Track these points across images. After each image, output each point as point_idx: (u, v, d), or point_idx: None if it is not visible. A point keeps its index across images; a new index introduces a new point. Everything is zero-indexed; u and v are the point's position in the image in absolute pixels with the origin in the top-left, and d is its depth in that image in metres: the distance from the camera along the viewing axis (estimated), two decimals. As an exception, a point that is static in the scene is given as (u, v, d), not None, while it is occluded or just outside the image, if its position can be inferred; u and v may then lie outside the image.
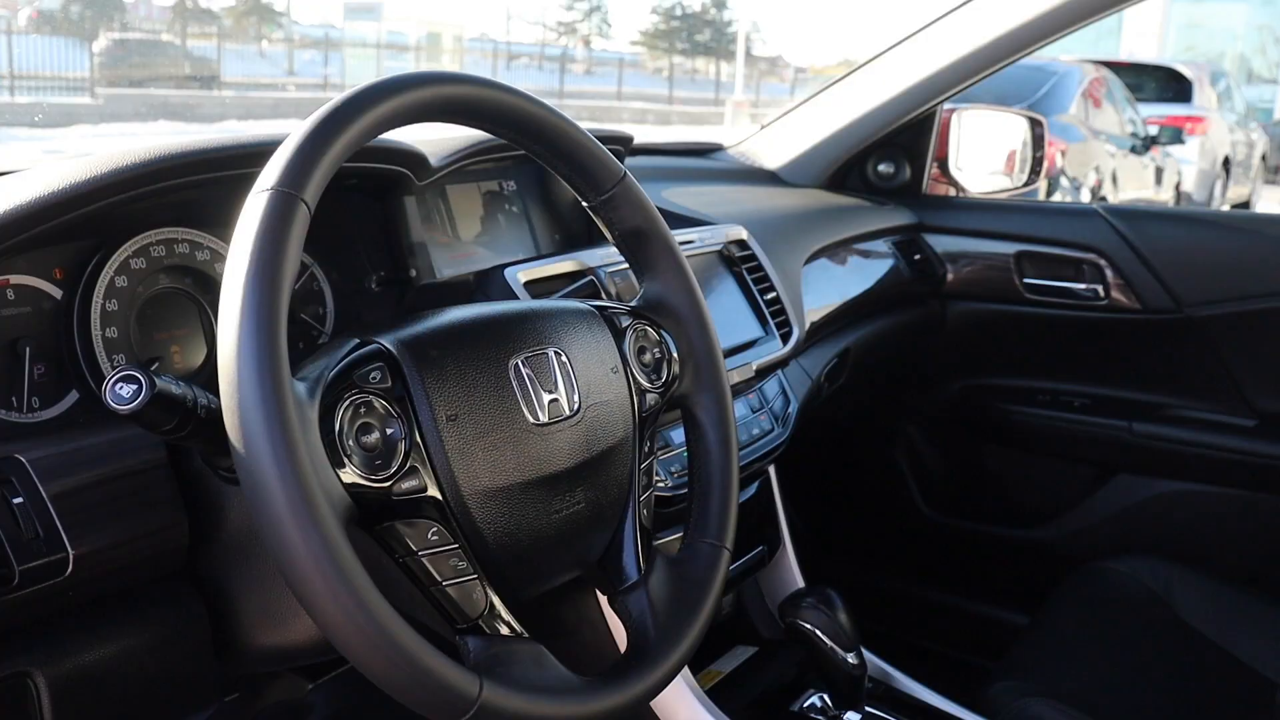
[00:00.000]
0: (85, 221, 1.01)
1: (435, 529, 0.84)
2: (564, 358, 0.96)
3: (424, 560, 0.83)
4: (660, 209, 1.09)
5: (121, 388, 0.78)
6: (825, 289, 1.91)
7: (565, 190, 1.67)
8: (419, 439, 0.85)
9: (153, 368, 1.09)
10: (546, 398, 0.93)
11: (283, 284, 0.75)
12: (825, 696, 1.51)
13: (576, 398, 0.95)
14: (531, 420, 0.92)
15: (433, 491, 0.84)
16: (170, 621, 0.94)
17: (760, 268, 1.66)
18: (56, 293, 1.07)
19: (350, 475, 0.80)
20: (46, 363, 1.05)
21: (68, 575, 0.86)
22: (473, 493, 0.87)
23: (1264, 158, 14.32)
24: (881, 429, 2.51)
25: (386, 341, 0.87)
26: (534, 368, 0.93)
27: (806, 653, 1.47)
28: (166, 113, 17.12)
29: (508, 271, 1.31)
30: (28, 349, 1.03)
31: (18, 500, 0.85)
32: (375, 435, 0.83)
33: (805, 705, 1.51)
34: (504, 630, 0.85)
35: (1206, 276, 2.14)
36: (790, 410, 1.63)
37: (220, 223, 1.18)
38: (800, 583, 1.75)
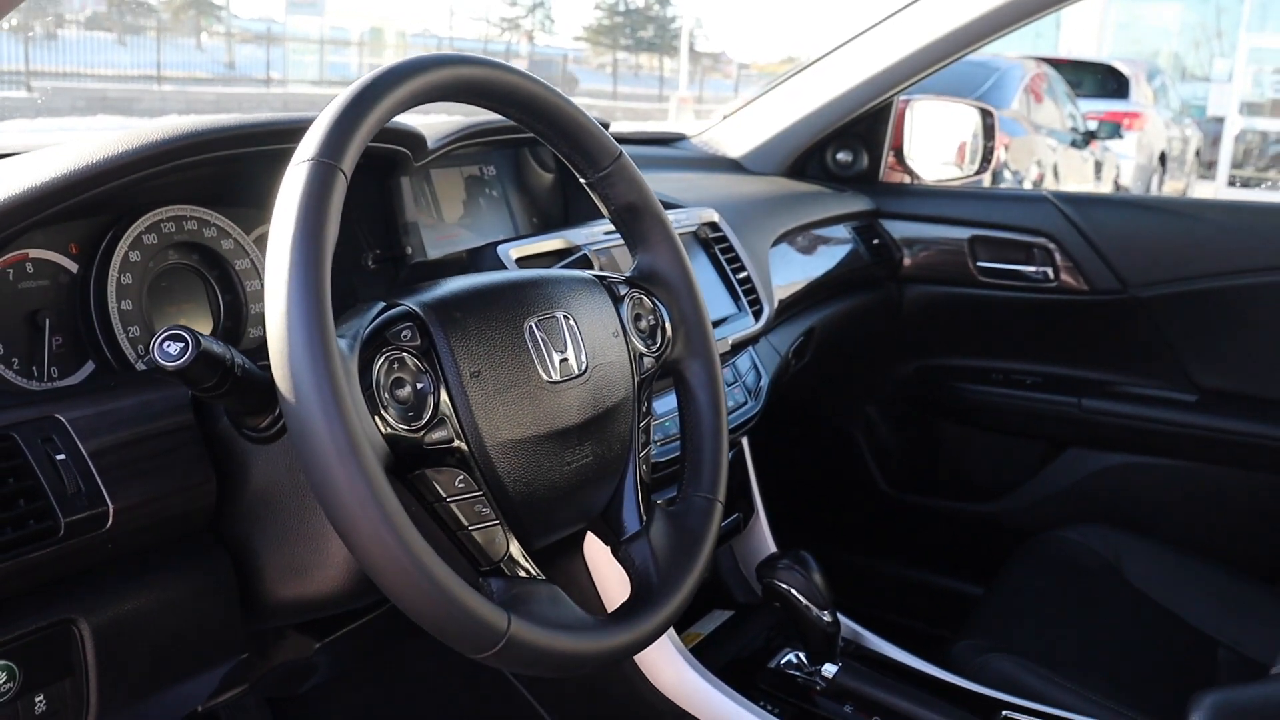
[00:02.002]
0: (102, 198, 1.05)
1: (462, 477, 0.90)
2: (572, 321, 1.02)
3: (452, 506, 0.89)
4: None
5: (169, 345, 0.83)
6: (790, 271, 1.98)
7: (540, 175, 1.74)
8: (446, 393, 0.91)
9: None
10: (557, 357, 0.99)
11: (326, 247, 0.81)
12: (801, 654, 1.58)
13: (584, 358, 1.02)
14: (545, 378, 0.98)
15: (459, 443, 0.91)
16: (200, 576, 0.99)
17: (732, 248, 1.73)
18: (73, 267, 1.11)
19: (386, 425, 0.86)
20: (64, 334, 1.09)
21: (108, 528, 0.90)
22: (495, 444, 0.93)
23: (1198, 153, 14.61)
24: (842, 408, 2.59)
25: (412, 303, 0.93)
26: (546, 330, 0.99)
27: (782, 613, 1.54)
28: (105, 107, 16.88)
29: (500, 249, 1.36)
30: (47, 320, 1.08)
31: (60, 457, 0.90)
32: (408, 389, 0.89)
33: (782, 662, 1.58)
34: (522, 573, 0.91)
35: (1151, 259, 2.24)
36: (762, 384, 1.70)
37: (226, 201, 1.23)
38: (774, 548, 1.82)
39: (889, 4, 2.16)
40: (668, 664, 1.49)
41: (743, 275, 1.72)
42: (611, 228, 1.51)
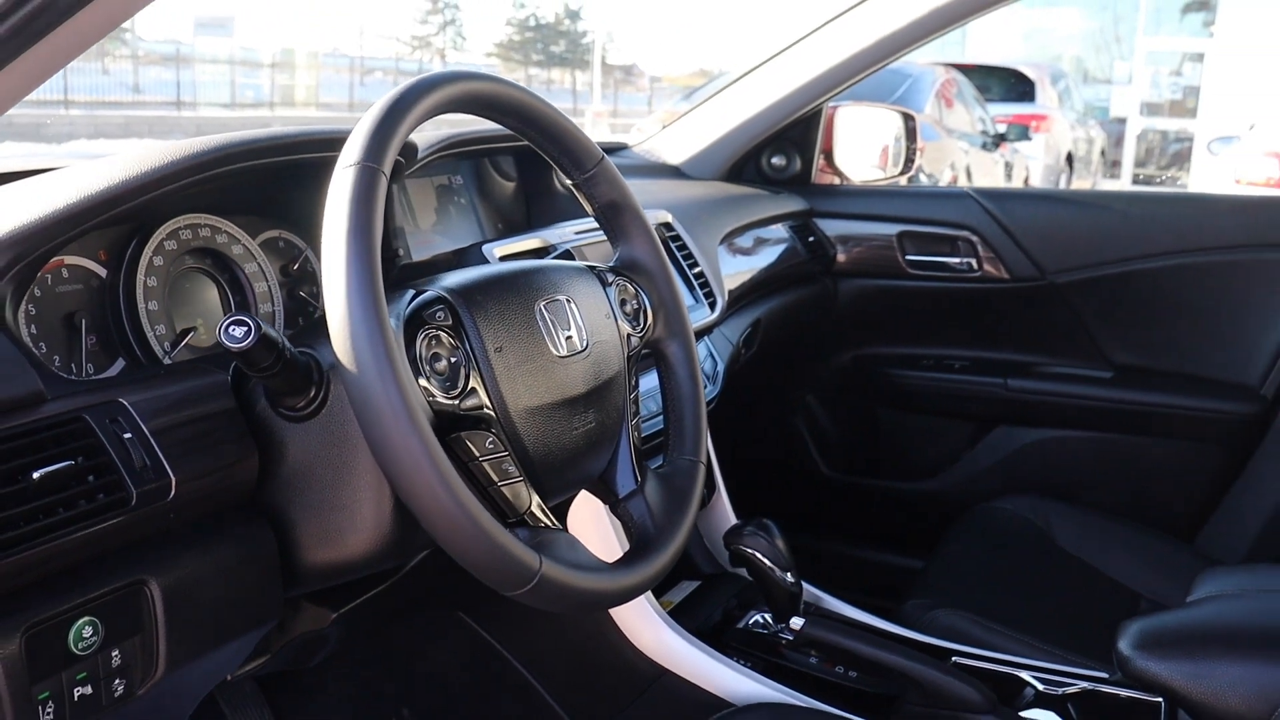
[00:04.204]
0: (133, 209, 1.16)
1: (491, 439, 1.02)
2: (573, 304, 1.15)
3: (484, 464, 1.01)
4: None
5: (234, 330, 0.94)
6: (736, 267, 2.12)
7: (502, 184, 1.86)
8: (475, 366, 1.04)
9: (187, 338, 1.25)
10: (563, 335, 1.12)
11: (376, 238, 0.93)
12: (766, 615, 1.71)
13: (585, 336, 1.15)
14: (555, 353, 1.11)
15: (488, 409, 1.03)
16: (245, 544, 1.09)
17: (686, 246, 1.87)
18: (102, 271, 1.21)
19: (428, 394, 0.98)
20: (97, 333, 1.20)
21: (170, 499, 1.01)
22: (517, 411, 1.06)
23: (1103, 153, 15.06)
24: (784, 399, 2.73)
25: (440, 289, 1.06)
26: (553, 312, 1.13)
27: (747, 579, 1.67)
28: (12, 133, 16.58)
29: (485, 248, 1.49)
30: (84, 321, 1.18)
31: (127, 435, 1.00)
32: (444, 362, 1.01)
33: (750, 622, 1.72)
34: (542, 525, 1.04)
35: (1065, 248, 2.42)
36: (718, 370, 1.84)
37: (236, 210, 1.34)
38: (735, 520, 1.95)
39: (800, 17, 2.30)
40: (647, 626, 1.62)
41: (697, 270, 1.85)
42: (580, 228, 1.64)
